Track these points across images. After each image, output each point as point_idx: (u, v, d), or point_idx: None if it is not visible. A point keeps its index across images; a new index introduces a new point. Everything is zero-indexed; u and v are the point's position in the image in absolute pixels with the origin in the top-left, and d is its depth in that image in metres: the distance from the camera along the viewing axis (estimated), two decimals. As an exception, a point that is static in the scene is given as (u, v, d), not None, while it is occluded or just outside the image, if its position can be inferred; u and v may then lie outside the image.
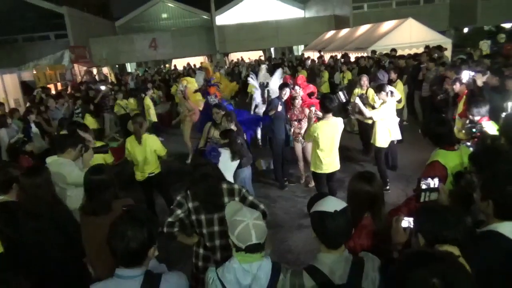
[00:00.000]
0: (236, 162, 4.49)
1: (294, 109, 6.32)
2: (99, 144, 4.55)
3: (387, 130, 5.95)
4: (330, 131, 4.76)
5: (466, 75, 6.32)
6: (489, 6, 23.60)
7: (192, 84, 8.99)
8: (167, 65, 27.38)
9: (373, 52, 13.53)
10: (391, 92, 5.98)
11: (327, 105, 4.67)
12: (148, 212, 1.92)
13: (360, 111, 6.05)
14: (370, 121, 6.14)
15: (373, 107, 6.34)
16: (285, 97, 6.27)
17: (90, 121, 8.40)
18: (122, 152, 5.74)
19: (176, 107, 12.66)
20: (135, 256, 1.77)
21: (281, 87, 6.41)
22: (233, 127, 5.07)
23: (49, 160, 3.71)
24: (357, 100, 5.95)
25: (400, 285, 1.20)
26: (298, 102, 6.25)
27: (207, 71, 9.30)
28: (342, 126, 4.89)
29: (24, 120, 7.97)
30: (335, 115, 4.90)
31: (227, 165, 4.41)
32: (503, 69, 6.74)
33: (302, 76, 8.05)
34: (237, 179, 5.08)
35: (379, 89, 5.87)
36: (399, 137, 6.43)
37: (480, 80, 6.15)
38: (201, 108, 8.07)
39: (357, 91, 7.45)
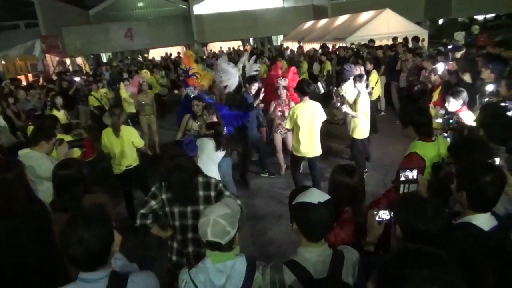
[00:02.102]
0: (221, 153, 4.44)
1: (280, 101, 6.29)
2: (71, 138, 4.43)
3: (366, 123, 6.03)
4: (308, 112, 4.93)
5: (441, 67, 6.44)
6: (462, -2, 24.13)
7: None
8: (145, 55, 26.81)
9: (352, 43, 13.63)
10: (367, 85, 6.06)
11: (305, 88, 4.93)
12: (98, 209, 1.81)
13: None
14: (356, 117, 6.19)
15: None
16: (253, 92, 6.25)
17: (56, 114, 8.09)
18: (90, 148, 5.61)
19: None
20: (99, 256, 1.66)
21: (250, 82, 6.34)
22: (214, 119, 4.99)
23: (21, 152, 3.59)
24: (345, 109, 6.07)
25: (397, 280, 1.14)
26: (284, 93, 6.22)
27: (187, 60, 9.11)
28: (321, 111, 5.03)
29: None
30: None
31: (211, 155, 4.36)
32: (477, 59, 6.90)
33: (294, 68, 7.96)
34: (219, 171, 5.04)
35: (359, 79, 5.93)
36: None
37: (460, 53, 6.32)
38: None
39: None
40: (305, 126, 4.93)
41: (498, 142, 2.59)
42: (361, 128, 6.08)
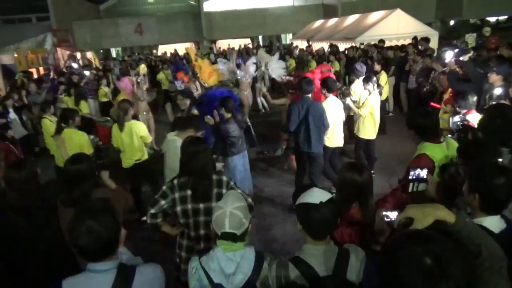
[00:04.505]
0: None
1: None
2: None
3: (373, 123, 6.01)
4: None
5: (449, 55, 6.43)
6: (474, -1, 23.87)
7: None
8: (154, 51, 26.91)
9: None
10: (378, 85, 6.02)
11: (330, 85, 5.26)
12: (101, 200, 1.84)
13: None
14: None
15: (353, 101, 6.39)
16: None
17: (84, 106, 8.28)
18: (108, 136, 5.67)
19: (161, 94, 12.51)
20: (109, 246, 1.70)
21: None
22: (228, 115, 4.96)
23: (169, 137, 3.78)
24: (348, 101, 6.04)
25: (392, 261, 1.18)
26: None
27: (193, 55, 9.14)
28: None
29: (2, 105, 7.78)
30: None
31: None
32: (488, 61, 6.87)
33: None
34: (226, 168, 5.06)
35: (367, 80, 5.91)
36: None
37: (467, 56, 6.36)
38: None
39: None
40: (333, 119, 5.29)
41: (501, 144, 2.58)
42: (366, 127, 6.03)
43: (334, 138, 5.44)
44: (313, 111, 4.83)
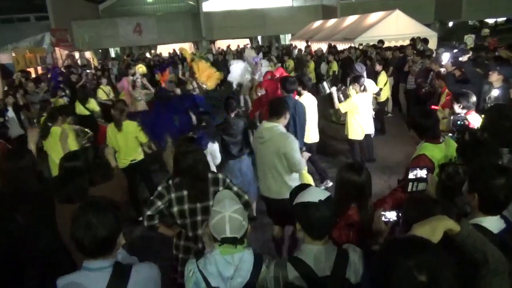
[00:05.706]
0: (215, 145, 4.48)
1: None
2: None
3: (358, 124, 6.08)
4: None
5: (446, 57, 6.44)
6: (473, 1, 23.93)
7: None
8: (152, 51, 26.88)
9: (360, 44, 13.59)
10: (364, 86, 6.06)
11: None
12: (109, 198, 1.83)
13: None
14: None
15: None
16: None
17: (94, 105, 8.10)
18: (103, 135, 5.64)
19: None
20: (105, 244, 1.68)
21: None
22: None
23: (267, 125, 3.62)
24: (333, 90, 6.09)
25: (385, 273, 1.16)
26: None
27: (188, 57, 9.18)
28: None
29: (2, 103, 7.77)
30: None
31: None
32: (486, 62, 6.87)
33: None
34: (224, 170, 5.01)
35: (354, 80, 6.02)
36: (372, 131, 6.49)
37: (466, 56, 6.44)
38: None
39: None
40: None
41: (502, 144, 2.57)
42: (352, 128, 6.12)
43: (311, 134, 5.46)
44: (299, 109, 4.83)
